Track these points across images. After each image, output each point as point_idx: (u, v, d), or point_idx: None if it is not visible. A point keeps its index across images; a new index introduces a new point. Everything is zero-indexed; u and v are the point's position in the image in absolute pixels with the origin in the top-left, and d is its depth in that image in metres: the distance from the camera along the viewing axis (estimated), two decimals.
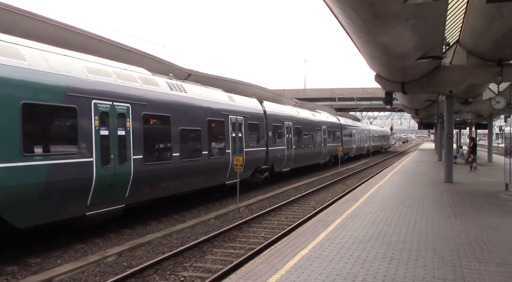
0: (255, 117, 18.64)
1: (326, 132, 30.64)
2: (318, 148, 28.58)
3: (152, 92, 11.90)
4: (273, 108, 21.41)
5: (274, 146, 20.56)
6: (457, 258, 7.08)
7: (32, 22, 10.78)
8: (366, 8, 8.85)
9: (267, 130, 19.91)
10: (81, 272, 8.17)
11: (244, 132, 17.31)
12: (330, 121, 32.94)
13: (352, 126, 40.59)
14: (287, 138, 22.36)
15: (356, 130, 42.17)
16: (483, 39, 14.64)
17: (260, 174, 19.57)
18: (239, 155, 16.64)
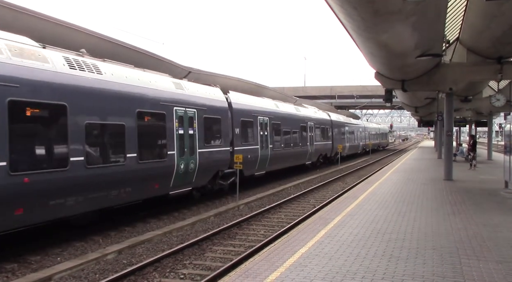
0: (214, 111, 15.26)
1: (314, 130, 27.49)
2: (303, 147, 25.34)
3: (33, 71, 8.53)
4: (241, 101, 18.07)
5: (243, 145, 17.58)
6: (456, 255, 7.09)
7: (31, 19, 10.75)
8: (366, 6, 8.83)
9: (233, 126, 16.85)
10: (81, 270, 8.18)
11: (198, 129, 14.04)
12: (319, 117, 29.54)
13: (345, 123, 37.86)
14: (262, 136, 19.30)
15: (350, 128, 39.61)
16: (483, 37, 14.63)
17: (224, 179, 16.40)
18: (190, 157, 13.51)
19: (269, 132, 20.12)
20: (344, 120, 37.87)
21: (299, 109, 25.93)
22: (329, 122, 31.90)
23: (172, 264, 8.59)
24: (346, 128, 37.59)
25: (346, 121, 38.62)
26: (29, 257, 8.80)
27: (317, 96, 52.71)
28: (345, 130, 37.18)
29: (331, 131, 32.29)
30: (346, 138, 37.18)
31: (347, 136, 37.75)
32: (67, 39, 11.59)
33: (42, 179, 8.55)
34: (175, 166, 12.80)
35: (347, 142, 37.32)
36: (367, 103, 58.40)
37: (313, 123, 27.49)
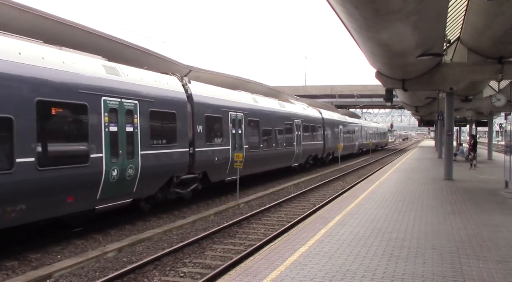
0: (167, 104, 12.61)
1: (301, 128, 24.83)
2: (288, 148, 22.62)
3: None
4: (207, 92, 15.26)
5: (209, 145, 14.81)
6: (456, 255, 7.09)
7: (31, 17, 10.75)
8: (367, 5, 8.83)
9: (194, 123, 14.07)
10: (81, 268, 8.19)
11: (141, 126, 11.36)
12: (308, 114, 26.86)
13: (339, 121, 35.16)
14: (235, 134, 16.69)
15: (345, 126, 36.99)
16: (484, 37, 14.62)
17: (183, 186, 13.76)
18: (127, 161, 10.82)
19: (244, 131, 17.42)
20: (338, 118, 35.55)
21: (283, 105, 23.24)
22: (320, 120, 29.30)
23: (172, 262, 8.59)
24: (341, 127, 35.16)
25: (340, 120, 36.13)
26: (29, 255, 8.81)
27: (317, 95, 52.67)
28: (339, 129, 34.72)
29: (323, 130, 29.68)
30: (340, 137, 34.79)
31: (341, 136, 35.21)
32: (67, 37, 11.58)
33: None
34: (103, 173, 10.01)
35: (341, 141, 34.73)
36: (367, 103, 58.37)
37: (301, 121, 24.89)
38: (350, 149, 39.14)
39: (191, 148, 13.86)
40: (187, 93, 14.02)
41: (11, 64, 8.12)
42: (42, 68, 8.78)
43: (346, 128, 37.58)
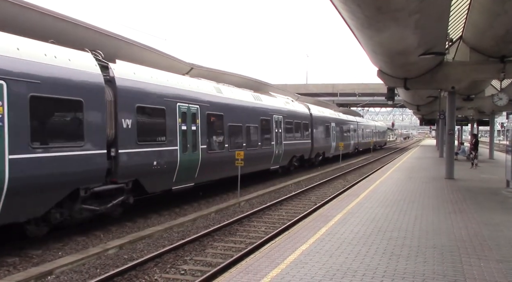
0: (65, 87, 9.15)
1: (283, 125, 21.57)
2: (265, 148, 19.41)
3: None
4: (141, 77, 11.84)
5: (142, 145, 11.56)
6: (457, 254, 7.09)
7: (32, 14, 10.74)
8: (369, 3, 8.80)
9: (118, 116, 10.80)
10: (82, 264, 8.21)
11: (10, 119, 7.94)
12: (291, 109, 23.26)
13: (330, 118, 31.29)
14: (186, 132, 13.45)
15: (338, 124, 33.36)
16: (486, 36, 14.58)
17: (100, 201, 10.55)
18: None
19: (200, 128, 14.23)
20: (330, 115, 31.81)
21: (259, 98, 19.68)
22: (306, 116, 25.68)
23: (173, 259, 8.61)
24: (333, 125, 31.67)
25: (333, 117, 32.33)
26: (30, 251, 8.83)
27: (319, 93, 52.70)
28: (331, 127, 31.16)
29: (310, 127, 26.25)
30: (332, 136, 31.40)
31: (333, 134, 31.71)
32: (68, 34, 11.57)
33: None
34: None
35: (333, 140, 31.55)
36: (369, 101, 58.34)
37: (282, 117, 21.49)
38: (344, 148, 35.31)
39: (113, 149, 10.63)
40: (107, 76, 10.67)
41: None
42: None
43: (340, 126, 34.37)
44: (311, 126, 26.46)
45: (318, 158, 28.69)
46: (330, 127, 31.03)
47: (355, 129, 40.81)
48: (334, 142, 31.66)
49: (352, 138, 39.41)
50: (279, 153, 21.16)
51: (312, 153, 26.82)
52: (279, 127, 21.20)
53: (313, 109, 28.15)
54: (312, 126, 26.72)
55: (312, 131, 26.57)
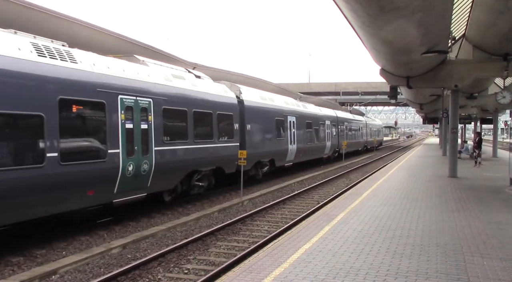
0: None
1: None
2: (104, 163, 10.40)
3: None
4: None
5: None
6: (460, 252, 7.08)
7: (36, 14, 10.79)
8: (371, 2, 8.79)
9: None
10: (86, 264, 8.24)
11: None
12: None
13: (283, 110, 21.99)
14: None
15: (301, 119, 24.31)
16: (489, 33, 14.53)
17: None
18: None
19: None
20: (282, 104, 22.17)
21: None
22: (233, 106, 16.56)
23: (176, 259, 8.63)
24: (291, 120, 22.49)
25: (289, 108, 22.86)
26: (34, 251, 8.87)
27: (321, 92, 52.68)
28: (288, 123, 22.05)
29: (240, 123, 17.12)
30: (290, 136, 22.26)
31: (293, 134, 22.64)
32: (72, 34, 11.61)
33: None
34: None
35: (292, 142, 22.47)
36: (372, 100, 58.25)
37: (153, 102, 11.89)
38: (316, 152, 27.33)
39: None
40: None
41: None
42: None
43: (306, 122, 25.15)
44: (241, 122, 17.28)
45: (262, 169, 19.55)
46: (285, 123, 21.83)
47: (334, 127, 32.13)
48: (294, 144, 22.61)
49: (328, 138, 30.13)
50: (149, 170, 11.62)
51: (234, 165, 16.14)
52: (144, 120, 11.58)
53: (247, 94, 18.52)
54: (244, 121, 17.62)
55: (243, 129, 17.51)
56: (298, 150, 23.30)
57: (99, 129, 10.09)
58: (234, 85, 18.00)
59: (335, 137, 32.28)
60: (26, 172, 8.20)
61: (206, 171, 14.74)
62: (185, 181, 13.85)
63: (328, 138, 30.09)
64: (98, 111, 10.03)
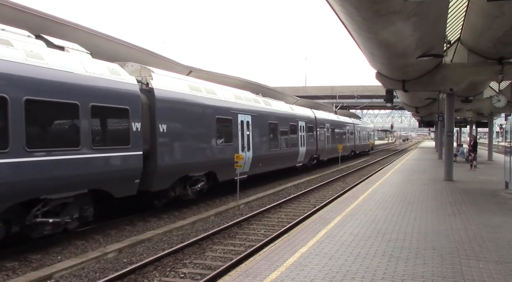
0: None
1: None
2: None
3: None
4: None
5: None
6: (456, 256, 7.09)
7: (31, 17, 10.77)
8: (367, 6, 8.84)
9: None
10: (81, 268, 8.19)
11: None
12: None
13: (258, 111, 18.71)
14: None
15: (282, 122, 21.38)
16: (484, 37, 14.63)
17: None
18: None
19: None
20: (236, 102, 16.96)
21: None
22: (128, 96, 11.02)
23: (173, 263, 8.60)
24: (245, 120, 17.36)
25: (246, 106, 17.79)
26: (29, 256, 8.82)
27: (318, 96, 52.76)
28: (240, 124, 17.01)
29: (146, 122, 11.85)
30: (244, 140, 17.20)
31: (249, 137, 17.71)
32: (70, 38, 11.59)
33: None
34: None
35: (248, 148, 17.53)
36: (368, 104, 58.40)
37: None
38: (282, 161, 21.97)
39: None
40: None
41: None
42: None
43: (267, 123, 19.75)
44: (149, 120, 12.00)
45: (195, 186, 14.17)
46: (235, 123, 16.62)
47: (311, 129, 26.80)
48: (248, 151, 17.57)
49: (303, 143, 24.78)
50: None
51: (149, 181, 11.90)
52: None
53: (163, 82, 12.75)
54: (155, 120, 12.11)
55: (153, 131, 12.07)
56: (255, 158, 18.13)
57: None
58: (144, 68, 12.39)
59: (313, 142, 26.83)
60: None
61: (63, 200, 9.35)
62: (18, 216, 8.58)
63: (303, 143, 24.60)
64: None
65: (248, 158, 17.67)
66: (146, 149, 11.72)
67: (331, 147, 31.09)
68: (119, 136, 10.82)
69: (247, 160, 17.47)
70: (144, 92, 11.92)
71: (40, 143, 8.68)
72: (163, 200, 13.22)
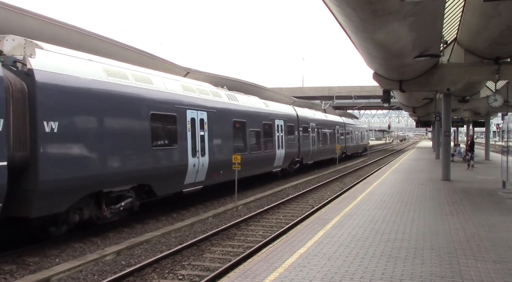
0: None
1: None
2: None
3: None
4: None
5: None
6: (454, 255, 7.11)
7: (29, 20, 10.75)
8: (364, 7, 8.86)
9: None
10: (80, 271, 8.17)
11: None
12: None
13: (217, 107, 15.47)
14: None
15: (252, 120, 18.25)
16: (480, 37, 14.68)
17: None
18: None
19: None
20: (182, 94, 13.55)
21: None
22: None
23: (171, 265, 8.58)
24: (197, 117, 14.05)
25: (199, 100, 14.36)
26: (27, 259, 8.78)
27: (315, 96, 52.80)
28: (191, 123, 13.74)
29: (25, 116, 8.47)
30: (196, 143, 13.86)
31: (203, 139, 14.35)
32: (63, 39, 11.57)
33: None
34: None
35: (202, 153, 14.17)
36: (365, 104, 58.49)
37: None
38: (253, 167, 18.21)
39: None
40: None
41: None
42: None
43: (231, 121, 16.50)
44: (31, 114, 8.64)
45: (113, 206, 10.96)
46: (181, 122, 13.27)
47: (292, 129, 23.25)
48: (202, 157, 14.17)
49: (281, 145, 21.33)
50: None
51: (26, 203, 8.69)
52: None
53: (47, 61, 9.16)
54: (36, 115, 8.68)
55: (35, 131, 8.66)
56: (213, 164, 14.72)
57: None
58: (30, 43, 9.20)
59: (294, 143, 23.55)
60: None
61: None
62: None
63: (280, 145, 21.23)
64: None
65: (203, 165, 14.18)
66: (20, 157, 8.34)
67: (317, 148, 27.83)
68: None
69: (200, 167, 14.00)
70: (20, 76, 8.57)
71: None
72: (63, 227, 9.89)
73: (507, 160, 14.44)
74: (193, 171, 13.62)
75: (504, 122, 16.74)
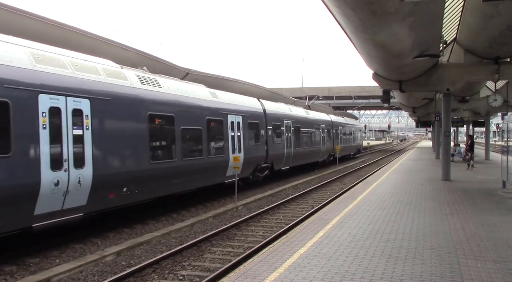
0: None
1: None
2: None
3: None
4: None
5: None
6: (454, 255, 7.11)
7: (29, 21, 10.74)
8: (363, 7, 8.87)
9: None
10: (80, 272, 8.17)
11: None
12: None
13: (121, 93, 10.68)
14: None
15: (187, 116, 13.58)
16: (480, 37, 14.68)
17: None
18: None
19: None
20: (40, 71, 8.48)
21: None
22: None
23: (171, 265, 8.58)
24: (74, 108, 9.15)
25: (86, 83, 9.62)
26: (27, 260, 8.79)
27: (315, 97, 52.77)
28: (67, 119, 8.99)
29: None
30: (82, 147, 9.35)
31: (99, 139, 9.89)
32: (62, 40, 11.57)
33: None
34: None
35: (81, 163, 9.28)
36: (365, 104, 58.50)
37: None
38: (193, 178, 14.21)
39: None
40: None
41: None
42: None
43: (146, 116, 11.68)
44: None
45: None
46: (26, 114, 8.20)
47: (256, 128, 19.10)
48: (79, 169, 9.31)
49: (237, 148, 17.06)
50: None
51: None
52: None
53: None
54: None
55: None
56: (103, 180, 10.02)
57: None
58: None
59: (259, 146, 19.18)
60: None
61: None
62: None
63: (237, 148, 17.06)
64: None
65: (81, 181, 9.36)
66: None
67: (294, 151, 23.43)
68: None
69: (74, 185, 9.17)
70: None
71: None
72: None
73: (507, 160, 14.44)
74: (53, 193, 8.61)
75: (504, 122, 16.74)
